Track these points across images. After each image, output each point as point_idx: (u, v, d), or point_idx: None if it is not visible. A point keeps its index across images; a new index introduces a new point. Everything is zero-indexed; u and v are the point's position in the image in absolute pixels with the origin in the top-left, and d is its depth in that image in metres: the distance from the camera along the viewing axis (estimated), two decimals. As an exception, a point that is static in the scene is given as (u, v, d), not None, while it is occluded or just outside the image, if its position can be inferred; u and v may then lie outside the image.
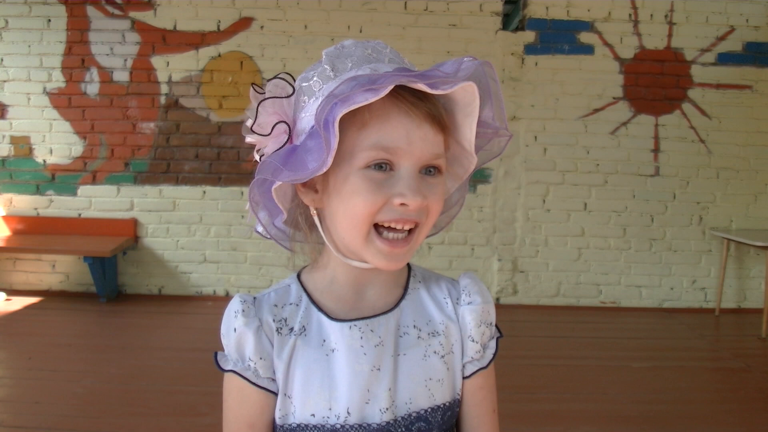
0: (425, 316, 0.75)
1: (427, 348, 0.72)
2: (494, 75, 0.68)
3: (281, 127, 0.66)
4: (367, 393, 0.69)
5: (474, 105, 0.67)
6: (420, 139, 0.64)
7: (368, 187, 0.63)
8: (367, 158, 0.63)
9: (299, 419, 0.69)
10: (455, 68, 0.63)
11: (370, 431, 0.68)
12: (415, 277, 0.78)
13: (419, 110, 0.64)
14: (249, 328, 0.69)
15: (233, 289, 4.24)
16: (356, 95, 0.58)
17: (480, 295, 0.76)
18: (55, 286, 4.28)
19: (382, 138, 0.63)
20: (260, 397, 0.70)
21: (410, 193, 0.63)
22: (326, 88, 0.65)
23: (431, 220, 0.68)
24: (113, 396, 2.61)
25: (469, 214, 4.18)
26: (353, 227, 0.66)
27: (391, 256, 0.66)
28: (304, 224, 0.73)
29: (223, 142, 4.13)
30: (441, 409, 0.72)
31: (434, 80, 0.61)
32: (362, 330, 0.70)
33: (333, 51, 0.67)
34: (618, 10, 4.07)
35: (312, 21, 4.06)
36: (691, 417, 2.52)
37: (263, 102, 0.65)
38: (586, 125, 4.14)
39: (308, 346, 0.70)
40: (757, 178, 4.18)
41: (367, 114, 0.63)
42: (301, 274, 0.77)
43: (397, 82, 0.60)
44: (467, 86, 0.65)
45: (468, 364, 0.75)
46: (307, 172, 0.62)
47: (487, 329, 0.76)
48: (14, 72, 4.13)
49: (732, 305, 4.21)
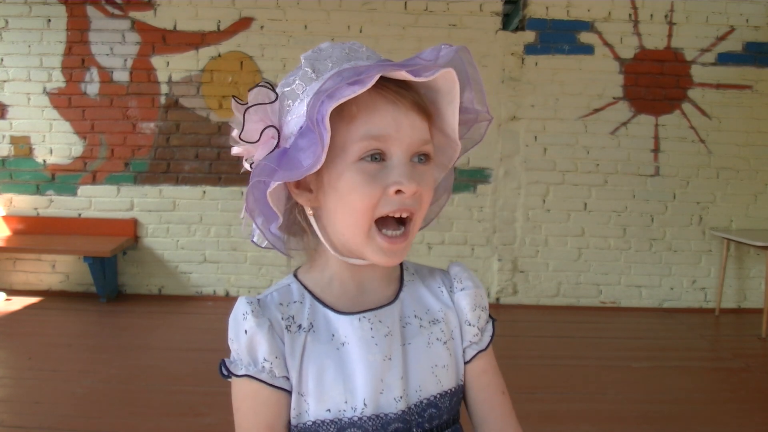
0: (424, 305, 0.76)
1: (430, 335, 0.74)
2: (471, 60, 0.70)
3: (269, 131, 0.66)
4: (381, 383, 0.69)
5: (455, 92, 0.69)
6: (408, 126, 0.66)
7: (363, 180, 0.65)
8: (360, 150, 0.65)
9: (314, 416, 0.69)
10: (434, 55, 0.65)
11: (387, 421, 0.69)
12: (408, 270, 0.80)
13: (405, 99, 0.66)
14: (261, 328, 0.69)
15: (233, 289, 4.24)
16: (343, 89, 0.60)
17: (471, 281, 0.79)
18: (55, 286, 4.28)
19: (371, 128, 0.64)
20: (277, 398, 0.69)
21: (405, 179, 0.64)
22: (310, 89, 0.66)
23: (424, 208, 0.69)
24: (113, 396, 2.61)
25: (469, 214, 4.18)
26: (354, 224, 0.67)
27: (391, 252, 0.68)
28: (303, 223, 0.73)
29: (223, 142, 4.12)
30: (448, 394, 0.74)
31: (416, 68, 0.63)
32: (371, 321, 0.71)
33: (311, 54, 0.69)
34: (618, 10, 4.07)
35: (312, 21, 4.06)
36: (691, 417, 2.52)
37: (248, 110, 0.66)
38: (586, 125, 4.14)
39: (318, 341, 0.70)
40: (757, 178, 4.18)
41: (355, 107, 0.64)
42: (297, 274, 0.77)
43: (381, 72, 0.61)
44: (446, 73, 0.67)
45: (467, 349, 0.77)
46: (302, 169, 0.63)
47: (482, 312, 0.79)
48: (14, 72, 4.13)
49: (732, 305, 4.21)
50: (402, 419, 0.69)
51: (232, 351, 0.71)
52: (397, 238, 0.67)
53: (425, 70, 0.64)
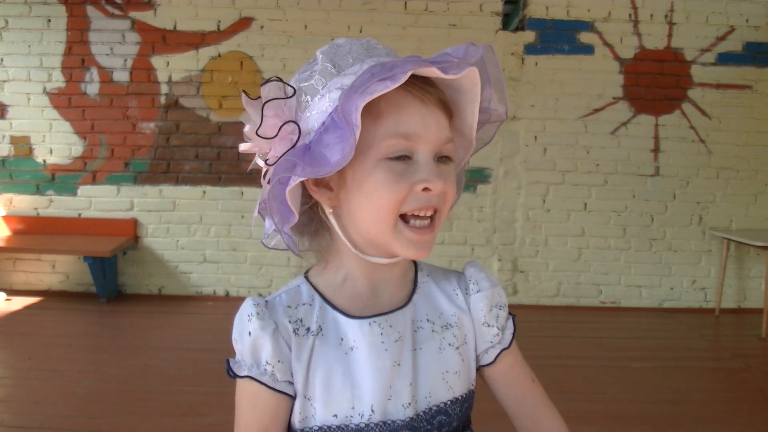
0: (437, 309, 0.75)
1: (442, 341, 0.73)
2: (495, 60, 0.69)
3: (288, 127, 0.65)
4: (389, 389, 0.68)
5: (476, 90, 0.68)
6: (434, 124, 0.65)
7: (390, 178, 0.64)
8: (387, 148, 0.64)
9: (320, 421, 0.68)
10: (462, 52, 0.64)
11: (395, 428, 0.68)
12: (423, 271, 0.79)
13: (432, 96, 0.65)
14: (265, 331, 0.68)
15: (233, 289, 4.24)
16: (374, 85, 0.59)
17: (487, 281, 0.78)
18: (55, 286, 4.28)
19: (399, 125, 0.64)
20: (275, 401, 0.69)
21: (433, 177, 0.64)
22: (332, 84, 0.65)
23: (447, 206, 0.69)
24: (113, 396, 2.60)
25: (469, 214, 4.18)
26: (380, 220, 0.66)
27: (420, 244, 0.67)
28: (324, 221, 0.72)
29: (223, 142, 4.12)
30: (459, 401, 0.73)
31: (446, 65, 0.62)
32: (381, 326, 0.70)
33: (328, 50, 0.67)
34: (618, 10, 4.07)
35: (312, 21, 4.06)
36: (691, 417, 2.52)
37: (266, 104, 0.65)
38: (586, 125, 4.14)
39: (327, 345, 0.69)
40: (757, 178, 4.18)
41: (383, 104, 0.63)
42: (309, 276, 0.76)
43: (414, 68, 0.60)
44: (470, 72, 0.66)
45: (490, 350, 0.76)
46: (330, 166, 0.61)
47: (500, 311, 0.78)
48: (14, 72, 4.13)
49: (732, 305, 4.21)
50: (410, 426, 0.68)
51: (236, 351, 0.70)
52: (425, 229, 0.66)
53: (453, 67, 0.63)
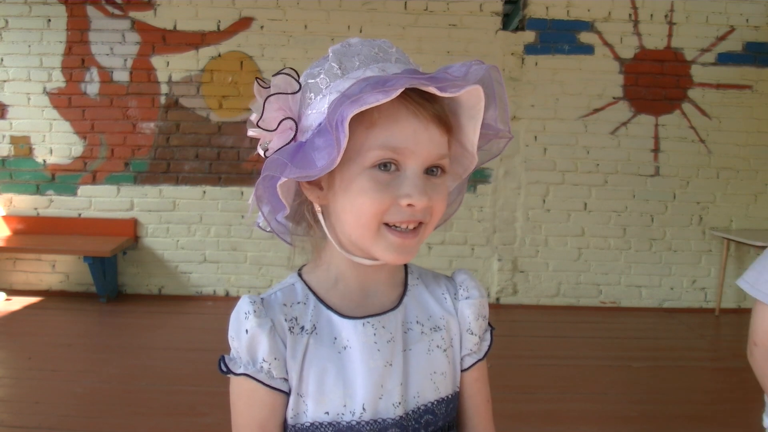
0: (426, 311, 0.76)
1: (431, 342, 0.74)
2: (500, 79, 0.69)
3: (287, 123, 0.66)
4: (380, 389, 0.70)
5: (479, 107, 0.68)
6: (427, 140, 0.65)
7: (375, 187, 0.64)
8: (375, 157, 0.64)
9: (312, 418, 0.69)
10: (464, 72, 0.63)
11: (385, 426, 0.69)
12: (413, 274, 0.80)
13: (427, 111, 0.64)
14: (262, 329, 0.68)
15: (233, 289, 4.24)
16: (367, 96, 0.59)
17: (477, 290, 0.79)
18: (55, 286, 4.28)
19: (390, 138, 0.63)
20: (272, 398, 0.70)
21: (417, 193, 0.64)
22: (334, 86, 0.65)
23: (435, 219, 0.69)
24: (113, 396, 2.61)
25: (469, 214, 4.18)
26: (362, 225, 0.66)
27: (402, 249, 0.66)
28: (310, 219, 0.73)
29: (223, 142, 4.13)
30: (445, 401, 0.75)
31: (444, 83, 0.62)
32: (375, 327, 0.71)
33: (340, 49, 0.67)
34: (618, 10, 4.07)
35: (312, 21, 4.06)
36: (691, 417, 2.52)
37: (269, 98, 0.65)
38: (586, 125, 4.14)
39: (320, 344, 0.70)
40: (757, 178, 4.18)
41: (376, 114, 0.63)
42: (302, 273, 0.77)
43: (407, 84, 0.60)
44: (473, 89, 0.65)
45: (467, 357, 0.78)
46: (315, 170, 0.62)
47: (483, 322, 0.79)
48: (14, 72, 4.13)
49: (732, 305, 4.21)
50: (399, 425, 0.70)
51: (232, 349, 0.71)
52: (408, 233, 0.66)
53: (453, 85, 0.62)
